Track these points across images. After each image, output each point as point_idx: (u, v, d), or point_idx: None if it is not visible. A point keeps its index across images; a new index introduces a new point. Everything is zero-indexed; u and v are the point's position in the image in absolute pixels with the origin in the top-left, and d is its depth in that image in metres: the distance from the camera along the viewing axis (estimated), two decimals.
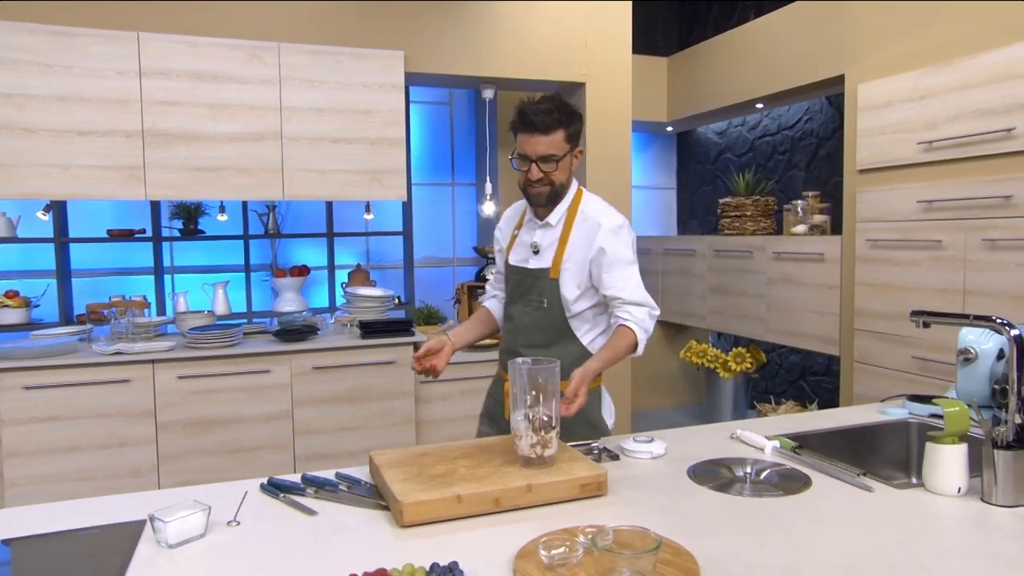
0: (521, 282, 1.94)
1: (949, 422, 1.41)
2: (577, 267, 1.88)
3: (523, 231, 1.99)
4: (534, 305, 1.92)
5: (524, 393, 1.49)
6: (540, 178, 1.83)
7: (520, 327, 1.95)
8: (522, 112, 1.80)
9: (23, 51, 2.94)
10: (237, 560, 1.20)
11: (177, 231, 4.11)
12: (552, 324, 1.91)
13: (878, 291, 3.34)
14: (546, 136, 1.79)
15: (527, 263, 1.94)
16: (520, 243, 1.98)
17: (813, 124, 4.56)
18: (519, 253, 1.97)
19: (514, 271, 1.97)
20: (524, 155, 1.83)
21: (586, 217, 1.90)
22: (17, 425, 2.93)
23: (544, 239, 1.93)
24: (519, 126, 1.82)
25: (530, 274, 1.93)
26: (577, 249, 1.88)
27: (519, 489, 1.37)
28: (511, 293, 1.99)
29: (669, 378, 5.45)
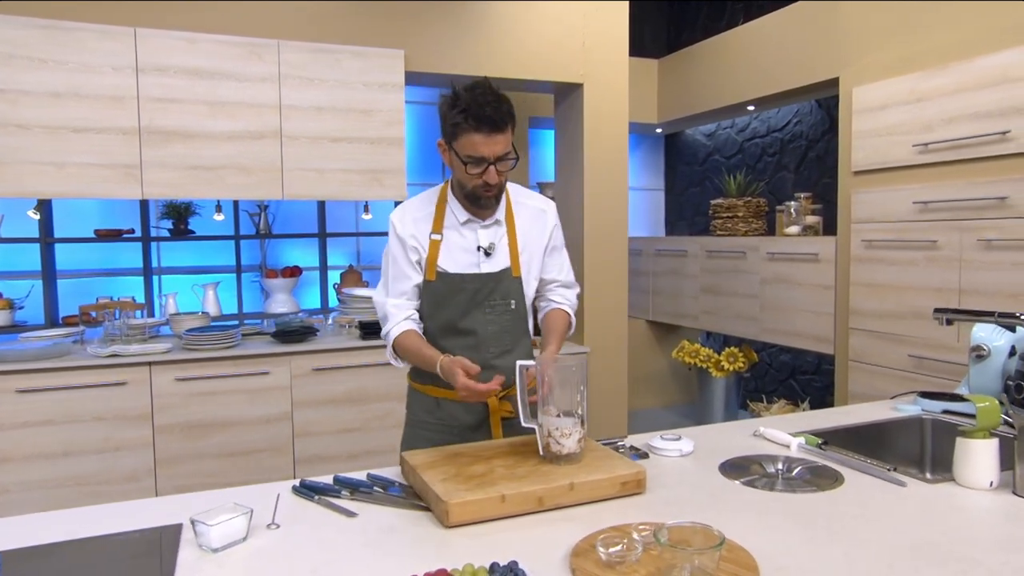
0: (479, 290, 1.73)
1: (981, 417, 1.44)
2: (531, 259, 1.80)
3: (454, 234, 1.75)
4: (499, 310, 1.75)
5: (562, 392, 1.48)
6: (497, 182, 1.64)
7: (487, 337, 1.75)
8: (475, 108, 1.56)
9: (16, 45, 2.86)
10: (286, 563, 1.17)
11: (167, 231, 4.03)
12: (520, 325, 1.80)
13: (873, 291, 3.40)
14: (503, 134, 1.60)
15: (478, 268, 1.74)
16: (455, 248, 1.74)
17: (803, 127, 4.63)
18: (458, 259, 1.73)
19: (463, 280, 1.73)
20: (480, 157, 1.60)
21: (522, 205, 1.81)
22: (10, 430, 2.85)
23: (494, 238, 1.76)
24: (472, 124, 1.57)
25: (489, 278, 1.74)
26: (530, 241, 1.80)
27: (562, 488, 1.37)
28: (462, 304, 1.74)
29: (660, 378, 5.49)
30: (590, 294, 3.98)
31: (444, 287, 1.74)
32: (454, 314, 1.75)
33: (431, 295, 1.76)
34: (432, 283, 1.74)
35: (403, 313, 1.76)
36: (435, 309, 1.76)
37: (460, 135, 1.60)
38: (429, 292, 1.75)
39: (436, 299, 1.75)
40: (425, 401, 1.84)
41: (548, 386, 1.49)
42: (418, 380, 1.87)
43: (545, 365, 1.50)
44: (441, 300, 1.75)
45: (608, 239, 4.00)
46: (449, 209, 1.76)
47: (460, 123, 1.59)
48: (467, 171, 1.63)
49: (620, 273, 4.06)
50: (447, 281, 1.73)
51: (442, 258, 1.73)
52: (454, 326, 1.75)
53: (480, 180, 1.64)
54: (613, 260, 4.02)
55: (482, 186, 1.65)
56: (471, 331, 1.75)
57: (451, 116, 1.61)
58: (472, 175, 1.63)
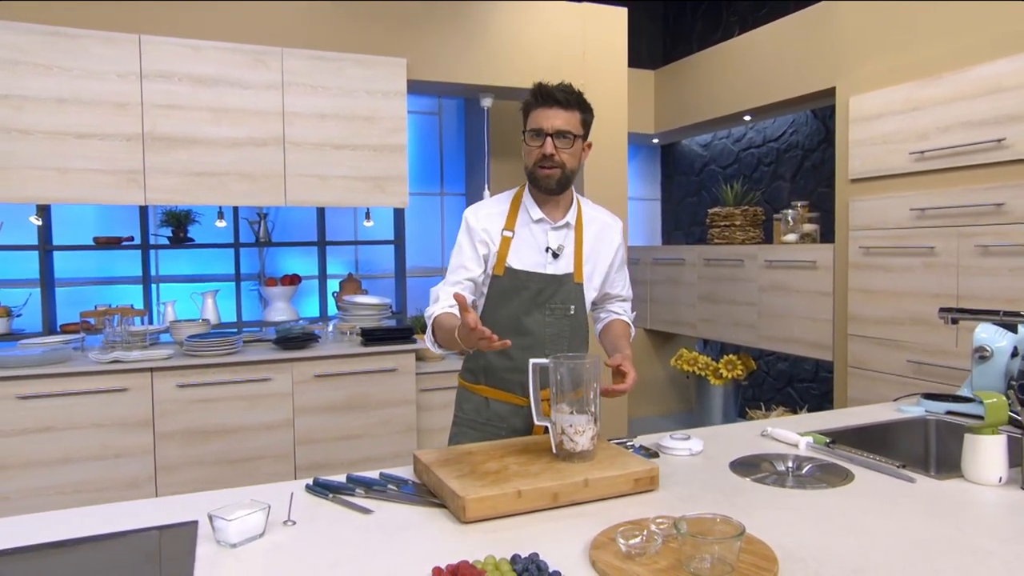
0: (542, 290, 1.77)
1: (989, 413, 1.45)
2: (594, 269, 1.86)
3: (525, 232, 1.79)
4: (559, 313, 1.78)
5: (575, 389, 1.49)
6: (552, 154, 1.69)
7: (543, 339, 1.79)
8: (541, 87, 1.71)
9: (20, 51, 2.86)
10: (304, 558, 1.17)
11: (166, 239, 4.03)
12: (578, 331, 1.83)
13: (871, 297, 3.43)
14: (565, 111, 1.69)
15: (544, 268, 1.78)
16: (525, 246, 1.78)
17: (799, 136, 4.68)
18: (526, 258, 1.78)
19: (529, 278, 1.77)
20: (538, 129, 1.69)
21: (592, 217, 1.87)
22: (9, 436, 2.83)
23: (563, 240, 1.81)
24: (535, 101, 1.70)
25: (552, 280, 1.78)
26: (595, 251, 1.85)
27: (576, 484, 1.37)
28: (524, 303, 1.77)
29: (657, 386, 5.50)
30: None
31: (509, 283, 1.78)
32: (515, 312, 1.78)
33: (496, 290, 1.79)
34: (499, 278, 1.78)
35: (450, 300, 1.75)
36: (498, 305, 1.79)
37: (531, 114, 1.73)
38: (495, 287, 1.79)
39: (500, 295, 1.79)
40: (474, 400, 1.88)
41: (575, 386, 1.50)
42: (469, 379, 1.90)
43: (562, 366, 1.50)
44: (505, 296, 1.79)
45: None
46: (523, 207, 1.82)
47: (529, 102, 1.73)
48: (528, 145, 1.73)
49: None
50: (513, 277, 1.77)
51: (512, 255, 1.78)
52: (513, 324, 1.77)
53: (539, 152, 1.70)
54: None
55: (539, 159, 1.71)
56: (529, 331, 1.78)
57: (525, 107, 1.74)
58: (532, 147, 1.72)
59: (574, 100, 1.72)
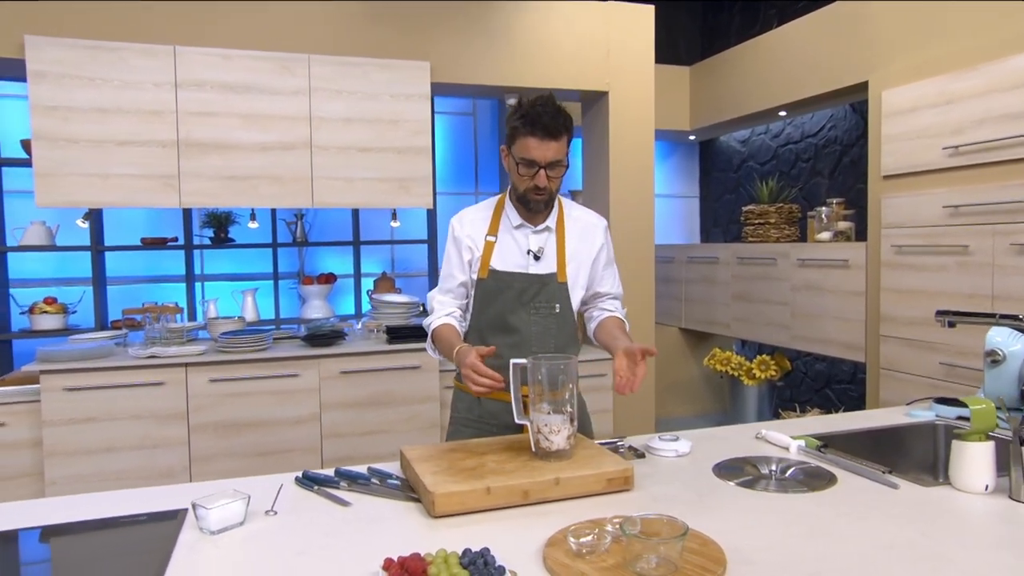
0: (525, 290, 1.83)
1: (976, 419, 1.42)
2: (578, 269, 1.90)
3: (507, 237, 1.86)
4: (544, 312, 1.84)
5: (553, 389, 1.52)
6: (546, 186, 1.74)
7: (529, 338, 1.83)
8: (532, 115, 1.69)
9: (67, 65, 3.05)
10: (277, 545, 1.24)
11: (208, 239, 4.21)
12: (565, 329, 1.87)
13: (904, 297, 3.32)
14: (556, 142, 1.72)
15: (526, 269, 1.85)
16: (507, 250, 1.84)
17: (837, 131, 4.55)
18: (508, 260, 1.84)
19: (512, 278, 1.83)
20: (532, 160, 1.72)
21: (575, 218, 1.92)
22: (57, 426, 3.02)
23: (543, 243, 1.86)
24: (528, 129, 1.70)
25: (536, 280, 1.84)
26: (578, 251, 1.89)
27: (547, 482, 1.40)
28: (509, 302, 1.83)
29: (692, 386, 5.44)
30: None
31: (494, 284, 1.84)
32: (500, 311, 1.84)
33: (482, 292, 1.86)
34: (484, 280, 1.85)
35: (446, 309, 1.89)
36: (484, 305, 1.86)
37: (517, 139, 1.74)
38: (480, 289, 1.86)
39: (486, 296, 1.86)
40: (467, 399, 1.95)
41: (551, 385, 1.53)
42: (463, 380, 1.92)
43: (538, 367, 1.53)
44: (490, 297, 1.85)
45: (634, 246, 4.00)
46: (505, 214, 1.88)
47: (518, 127, 1.73)
48: (519, 172, 1.76)
49: (646, 280, 4.06)
50: (497, 278, 1.84)
51: (495, 258, 1.85)
52: (500, 323, 1.85)
53: (531, 183, 1.75)
54: (639, 267, 4.03)
55: (532, 189, 1.76)
56: (515, 329, 1.84)
57: (511, 121, 1.75)
58: (523, 176, 1.75)
59: (563, 127, 1.72)
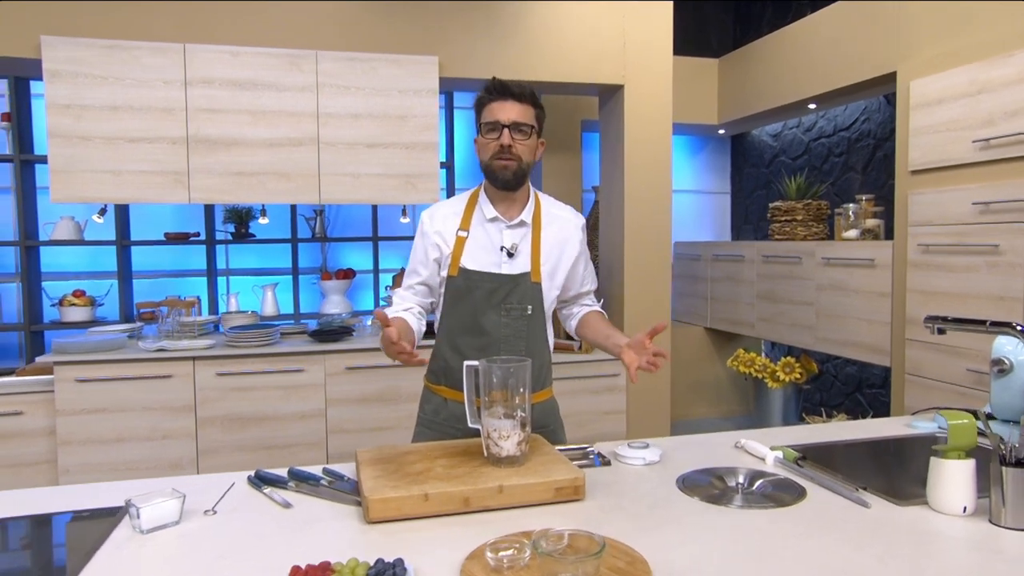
0: (495, 290, 1.74)
1: (953, 435, 1.31)
2: (554, 269, 1.82)
3: (479, 232, 1.77)
4: (515, 314, 1.75)
5: (503, 392, 1.47)
6: (510, 145, 1.69)
7: (499, 340, 1.76)
8: (495, 83, 1.73)
9: (81, 64, 3.12)
10: (201, 548, 1.22)
11: (229, 235, 4.28)
12: (535, 331, 1.80)
13: (931, 299, 3.15)
14: (519, 104, 1.71)
15: (499, 268, 1.75)
16: (479, 246, 1.76)
17: (871, 124, 4.35)
18: (480, 258, 1.75)
19: (482, 278, 1.74)
20: (495, 121, 1.70)
21: (553, 215, 1.84)
22: (70, 415, 3.11)
23: (518, 239, 1.77)
24: (489, 95, 1.72)
25: (507, 280, 1.74)
26: (555, 250, 1.82)
27: (490, 490, 1.35)
28: (478, 303, 1.74)
29: (716, 387, 5.29)
30: (631, 299, 3.89)
31: (463, 283, 1.75)
32: (470, 312, 1.76)
33: (451, 291, 1.77)
34: (453, 279, 1.76)
35: (404, 304, 1.82)
36: (452, 305, 1.78)
37: (482, 110, 1.74)
38: (450, 288, 1.77)
39: (455, 295, 1.77)
40: (435, 400, 1.90)
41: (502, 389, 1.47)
42: (432, 380, 1.92)
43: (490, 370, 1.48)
44: (459, 296, 1.76)
45: (650, 243, 3.90)
46: (478, 207, 1.79)
47: (483, 98, 1.74)
48: (483, 137, 1.73)
49: (663, 278, 3.95)
50: (466, 278, 1.75)
51: (465, 255, 1.76)
52: (469, 324, 1.76)
53: (496, 144, 1.70)
54: (655, 265, 3.92)
55: (498, 152, 1.70)
56: (485, 331, 1.76)
57: (477, 103, 1.76)
58: (488, 140, 1.72)
59: (528, 94, 1.73)
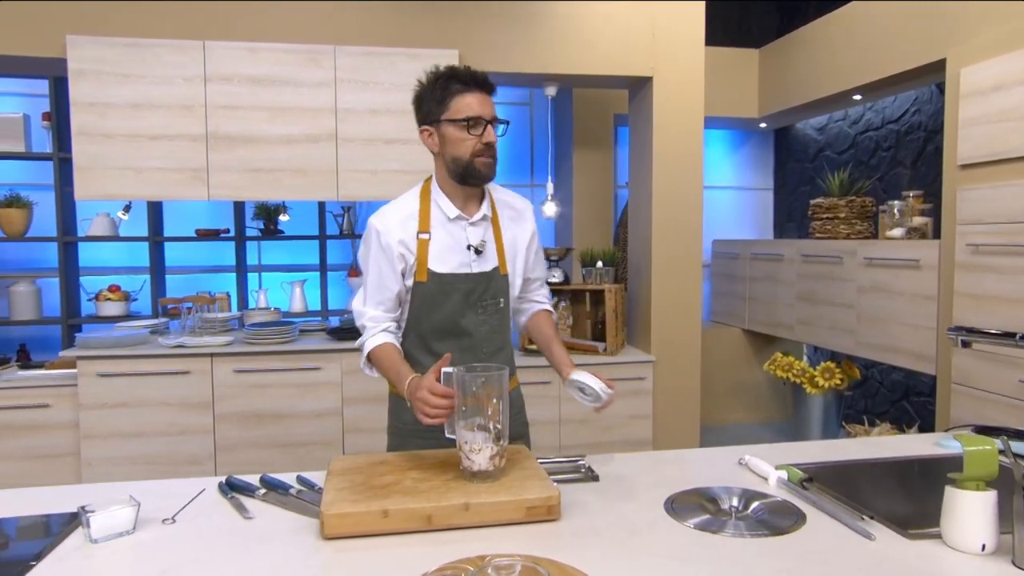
0: (472, 290, 1.69)
1: (970, 463, 1.16)
2: (515, 257, 1.78)
3: (442, 233, 1.68)
4: (491, 310, 1.72)
5: (477, 403, 1.38)
6: (494, 143, 1.61)
7: (480, 338, 1.72)
8: (465, 73, 1.61)
9: (104, 63, 3.16)
10: (146, 561, 1.17)
11: (258, 231, 4.30)
12: (506, 324, 1.78)
13: (980, 303, 2.92)
14: (491, 97, 1.63)
15: (470, 268, 1.69)
16: (444, 247, 1.67)
17: (921, 116, 4.08)
18: (448, 259, 1.67)
19: (457, 280, 1.67)
20: (478, 117, 1.59)
21: (505, 203, 1.79)
22: (92, 409, 3.15)
23: (483, 235, 1.71)
24: (465, 87, 1.59)
25: (482, 278, 1.70)
26: (513, 238, 1.78)
27: (454, 508, 1.27)
28: (456, 306, 1.68)
29: (754, 392, 5.08)
30: (659, 299, 3.75)
31: (436, 289, 1.66)
32: (448, 316, 1.68)
33: (422, 297, 1.68)
34: (423, 285, 1.66)
35: (380, 325, 1.69)
36: (427, 311, 1.69)
37: (452, 100, 1.60)
38: (420, 294, 1.67)
39: (428, 301, 1.68)
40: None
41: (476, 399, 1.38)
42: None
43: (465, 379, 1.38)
44: (433, 302, 1.68)
45: (680, 240, 3.74)
46: (435, 205, 1.69)
47: (452, 88, 1.60)
48: (469, 133, 1.60)
49: (693, 277, 3.78)
50: (440, 282, 1.66)
51: (432, 259, 1.66)
52: (448, 328, 1.69)
53: (479, 143, 1.60)
54: (685, 263, 3.76)
55: (483, 150, 1.61)
56: (467, 332, 1.70)
57: (438, 87, 1.61)
58: (470, 137, 1.60)
59: (493, 85, 1.65)
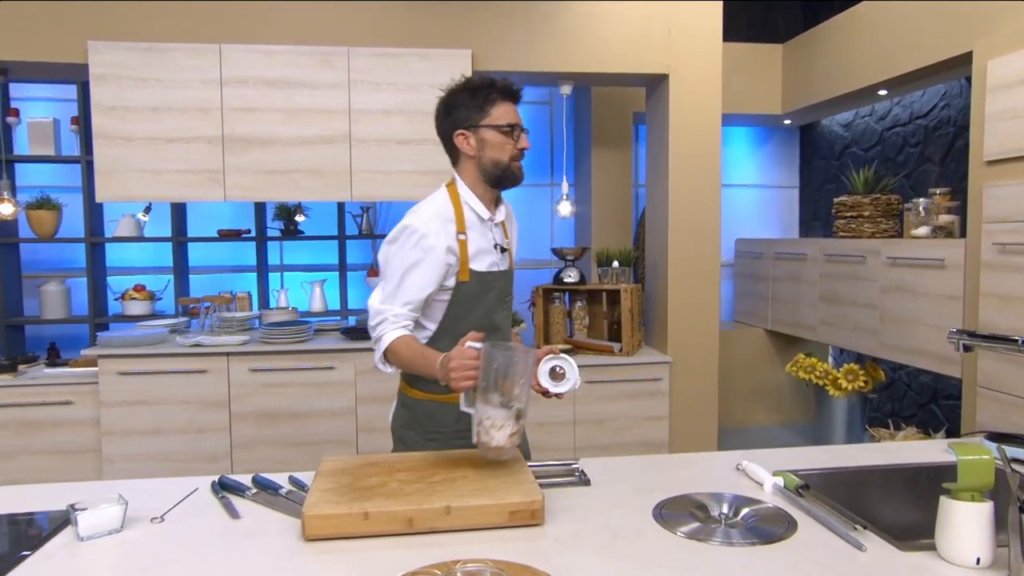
0: (503, 287, 1.81)
1: (964, 474, 1.12)
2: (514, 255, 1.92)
3: (475, 234, 1.73)
4: (509, 306, 1.86)
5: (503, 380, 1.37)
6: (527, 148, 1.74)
7: (507, 334, 1.86)
8: (503, 84, 1.73)
9: (123, 67, 3.22)
10: (129, 560, 1.19)
11: (279, 231, 4.35)
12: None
13: (1007, 304, 2.82)
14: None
15: (500, 267, 1.79)
16: (479, 248, 1.73)
17: (951, 111, 3.96)
18: (483, 259, 1.75)
19: (493, 278, 1.76)
20: (516, 124, 1.72)
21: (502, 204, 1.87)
22: (113, 407, 3.22)
23: (505, 235, 1.84)
24: (503, 93, 1.71)
25: (507, 276, 1.83)
26: (512, 239, 1.91)
27: (436, 511, 1.26)
28: (492, 302, 1.77)
29: (777, 394, 4.98)
30: (675, 299, 3.70)
31: (477, 287, 1.73)
32: (485, 313, 1.76)
33: (464, 296, 1.73)
34: (466, 284, 1.72)
35: (402, 321, 1.68)
36: (466, 310, 1.73)
37: (494, 107, 1.70)
38: (462, 293, 1.72)
39: (469, 299, 1.73)
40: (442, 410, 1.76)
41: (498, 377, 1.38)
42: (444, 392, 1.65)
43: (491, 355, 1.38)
44: (474, 300, 1.74)
45: (697, 240, 3.69)
46: (467, 208, 1.75)
47: (493, 97, 1.71)
48: (506, 140, 1.71)
49: (711, 277, 3.73)
50: (480, 281, 1.73)
51: (472, 259, 1.73)
52: (484, 326, 1.71)
53: (515, 148, 1.72)
54: (702, 263, 3.71)
55: (519, 154, 1.73)
56: (498, 328, 1.80)
57: (479, 94, 1.71)
58: (508, 143, 1.71)
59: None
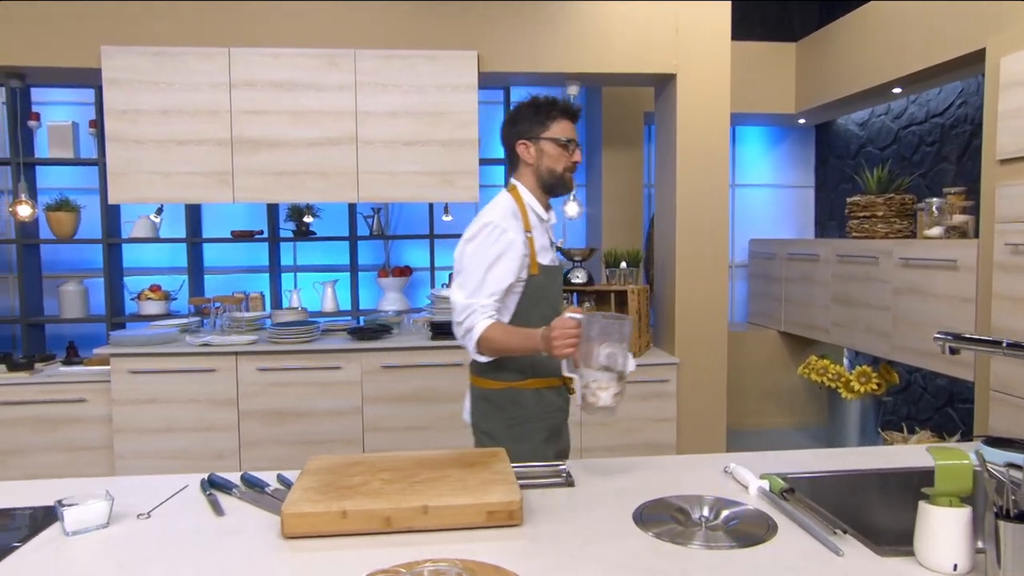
0: (561, 281, 2.04)
1: (941, 478, 1.10)
2: None
3: (537, 232, 1.93)
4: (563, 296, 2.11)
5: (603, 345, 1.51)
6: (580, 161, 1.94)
7: None
8: (563, 103, 1.93)
9: (135, 72, 3.28)
10: (113, 555, 1.21)
11: (291, 232, 4.40)
12: None
13: (1019, 306, 2.76)
14: None
15: (555, 263, 1.99)
16: (541, 246, 1.93)
17: (967, 109, 3.89)
18: (544, 255, 1.94)
19: (556, 271, 1.98)
20: (573, 139, 1.91)
21: None
22: (124, 405, 3.28)
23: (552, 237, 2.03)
24: (565, 114, 1.91)
25: (561, 270, 2.05)
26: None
27: (413, 510, 1.27)
28: (556, 293, 1.98)
29: (790, 396, 4.93)
30: (683, 300, 3.68)
31: (545, 279, 1.91)
32: (551, 304, 1.93)
33: (534, 288, 1.88)
34: (535, 277, 1.88)
35: (488, 311, 1.79)
36: (537, 301, 1.89)
37: (554, 123, 1.90)
38: (533, 285, 1.88)
39: (538, 291, 1.89)
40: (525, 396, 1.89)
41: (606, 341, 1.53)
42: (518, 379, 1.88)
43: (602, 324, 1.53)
44: (543, 292, 1.90)
45: (705, 240, 3.66)
46: (530, 209, 1.92)
47: (555, 114, 1.90)
48: (566, 151, 1.90)
49: (719, 278, 3.70)
50: (547, 273, 1.92)
51: (538, 254, 1.90)
52: (549, 316, 1.79)
53: (570, 160, 1.91)
54: (711, 264, 3.68)
55: (572, 166, 1.92)
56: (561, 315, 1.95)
57: (543, 110, 1.90)
58: (566, 155, 1.91)
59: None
